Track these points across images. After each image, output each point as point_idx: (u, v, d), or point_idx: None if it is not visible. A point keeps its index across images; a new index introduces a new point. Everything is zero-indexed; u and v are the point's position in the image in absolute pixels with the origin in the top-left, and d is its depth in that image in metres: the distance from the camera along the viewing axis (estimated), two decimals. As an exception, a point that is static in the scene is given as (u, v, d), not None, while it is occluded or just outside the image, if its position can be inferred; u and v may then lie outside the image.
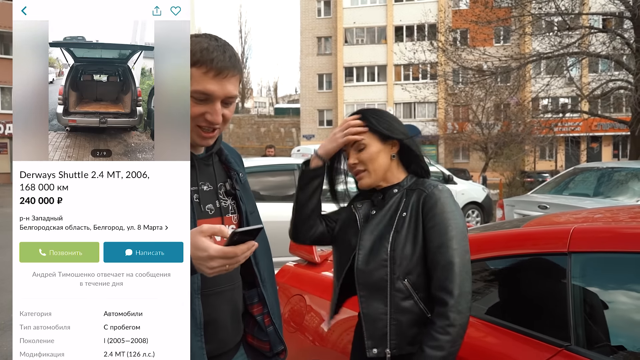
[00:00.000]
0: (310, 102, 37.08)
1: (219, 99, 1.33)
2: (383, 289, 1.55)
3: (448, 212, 1.54)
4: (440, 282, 1.50)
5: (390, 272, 1.54)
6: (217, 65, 1.31)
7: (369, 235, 1.61)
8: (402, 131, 1.69)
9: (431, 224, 1.54)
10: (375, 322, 1.56)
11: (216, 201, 1.44)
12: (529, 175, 22.31)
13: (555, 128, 14.41)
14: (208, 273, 1.20)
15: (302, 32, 36.97)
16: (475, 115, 24.04)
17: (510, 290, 1.99)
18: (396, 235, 1.56)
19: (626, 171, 6.96)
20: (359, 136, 1.65)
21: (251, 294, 1.51)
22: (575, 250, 1.72)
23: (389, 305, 1.54)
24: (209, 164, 1.47)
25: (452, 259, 1.50)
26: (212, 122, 1.35)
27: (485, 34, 14.99)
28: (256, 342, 1.53)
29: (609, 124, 24.78)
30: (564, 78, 13.28)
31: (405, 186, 1.66)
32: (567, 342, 1.62)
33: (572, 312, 1.65)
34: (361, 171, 1.66)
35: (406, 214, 1.58)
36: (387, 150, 1.66)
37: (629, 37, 11.15)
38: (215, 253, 1.17)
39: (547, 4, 11.13)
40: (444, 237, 1.52)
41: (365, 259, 1.58)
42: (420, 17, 28.20)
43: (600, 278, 1.75)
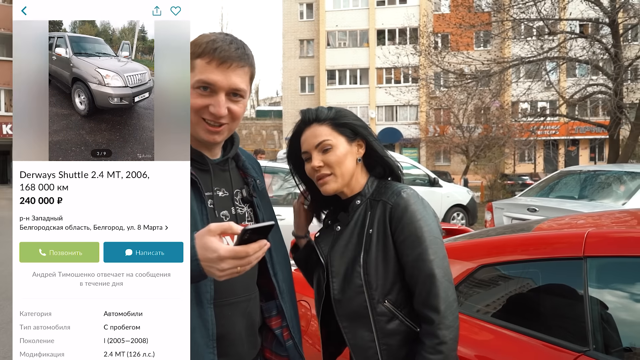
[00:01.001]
0: (292, 104, 37.05)
1: (222, 90, 1.29)
2: (365, 315, 1.45)
3: (417, 221, 1.43)
4: (423, 299, 1.40)
5: (369, 298, 1.44)
6: (220, 54, 1.27)
7: (339, 259, 1.49)
8: (368, 131, 1.56)
9: (402, 237, 1.43)
10: (366, 351, 1.47)
11: (232, 208, 1.38)
12: (510, 178, 22.65)
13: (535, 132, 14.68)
14: (219, 276, 1.13)
15: (285, 34, 36.95)
16: (457, 119, 24.32)
17: (527, 295, 1.96)
18: (366, 257, 1.44)
19: (609, 174, 7.12)
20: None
21: (269, 306, 1.43)
22: (590, 254, 1.69)
23: (375, 331, 1.45)
24: (225, 169, 1.41)
25: (432, 271, 1.40)
26: (215, 115, 1.29)
27: (467, 38, 15.20)
28: (274, 357, 1.44)
29: (586, 127, 25.32)
30: (543, 82, 13.51)
31: (367, 195, 1.52)
32: (586, 347, 1.61)
33: (590, 317, 1.63)
34: (326, 175, 1.48)
35: (372, 230, 1.46)
36: (354, 153, 1.52)
37: (607, 43, 11.41)
38: (226, 253, 1.10)
39: (528, 9, 11.33)
40: (419, 249, 1.41)
41: (341, 287, 1.48)
42: (403, 21, 28.45)
43: (616, 282, 1.74)
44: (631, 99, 12.80)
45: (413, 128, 32.19)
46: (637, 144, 12.72)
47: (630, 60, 11.59)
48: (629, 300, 1.73)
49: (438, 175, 14.80)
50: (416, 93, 25.26)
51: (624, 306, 1.72)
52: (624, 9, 11.45)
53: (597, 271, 1.69)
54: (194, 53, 1.28)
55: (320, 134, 1.49)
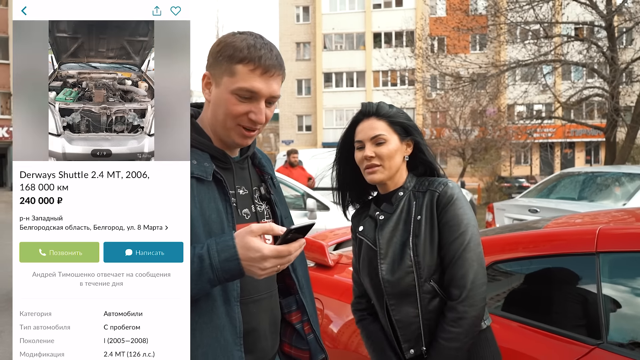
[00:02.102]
0: (289, 107, 37.08)
1: (264, 97, 1.30)
2: (412, 294, 1.57)
3: (460, 208, 1.57)
4: (452, 277, 1.53)
5: (418, 277, 1.56)
6: (265, 63, 1.27)
7: (386, 244, 1.61)
8: (419, 133, 1.67)
9: (444, 220, 1.56)
10: (409, 326, 1.59)
11: (252, 205, 1.40)
12: (507, 181, 22.72)
13: (532, 134, 14.72)
14: (259, 275, 1.16)
15: (281, 37, 37.00)
16: (453, 122, 24.39)
17: (541, 290, 2.02)
18: (416, 240, 1.57)
19: (608, 176, 7.16)
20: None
21: (289, 302, 1.46)
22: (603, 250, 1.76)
23: (420, 308, 1.57)
24: (245, 168, 1.43)
25: (465, 254, 1.53)
26: (255, 122, 1.31)
27: (464, 41, 15.25)
28: (294, 351, 1.46)
29: (582, 130, 25.42)
30: (540, 85, 13.56)
31: (409, 188, 1.65)
32: (599, 340, 1.67)
33: (602, 311, 1.69)
34: (376, 165, 1.60)
35: (421, 217, 1.59)
36: (403, 150, 1.64)
37: (603, 46, 11.46)
38: (270, 253, 1.13)
39: (524, 12, 11.38)
40: (457, 233, 1.54)
41: (390, 269, 1.59)
42: (399, 24, 28.53)
43: (629, 277, 1.79)
44: (627, 102, 12.86)
45: (410, 131, 32.24)
46: (633, 147, 12.79)
47: (626, 63, 11.65)
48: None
49: (435, 178, 14.85)
50: (413, 96, 25.32)
51: (636, 301, 1.78)
52: (620, 13, 11.51)
53: (609, 266, 1.75)
54: (234, 57, 1.26)
55: (377, 127, 1.61)
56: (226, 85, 1.29)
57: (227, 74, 1.28)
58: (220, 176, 1.31)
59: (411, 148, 1.66)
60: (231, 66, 1.27)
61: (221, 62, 1.29)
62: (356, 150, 1.65)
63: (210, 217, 1.27)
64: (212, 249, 1.19)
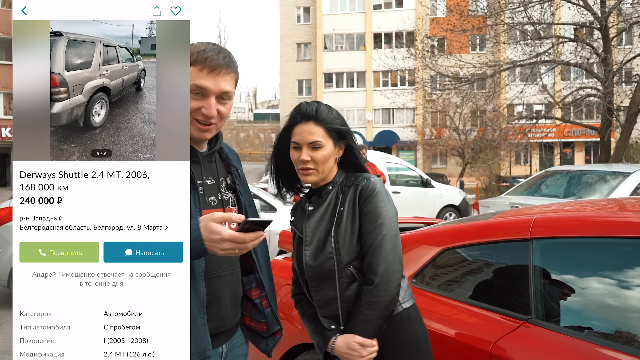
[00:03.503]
0: (290, 107, 36.83)
1: (213, 94, 1.47)
2: (332, 277, 1.72)
3: (380, 201, 1.70)
4: (369, 264, 1.67)
5: (337, 263, 1.70)
6: (211, 63, 1.45)
7: (312, 232, 1.75)
8: (352, 137, 1.79)
9: (365, 211, 1.70)
10: (329, 306, 1.74)
11: (218, 194, 1.57)
12: (505, 180, 22.69)
13: (530, 134, 14.69)
14: (220, 253, 1.32)
15: (282, 38, 36.98)
16: (452, 122, 24.38)
17: (482, 273, 2.25)
18: (337, 229, 1.71)
19: (594, 174, 7.19)
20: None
21: (249, 279, 1.64)
22: (536, 236, 1.99)
23: (339, 291, 1.71)
24: (212, 161, 1.60)
25: (382, 243, 1.66)
26: (207, 116, 1.47)
27: (461, 42, 15.22)
28: (254, 323, 1.66)
29: (580, 130, 25.40)
30: (537, 85, 13.55)
31: (338, 182, 1.78)
32: (528, 315, 1.90)
33: (532, 290, 1.92)
34: (310, 169, 1.73)
35: (343, 208, 1.73)
36: (335, 153, 1.77)
37: (598, 47, 11.45)
38: (228, 236, 1.28)
39: (521, 13, 11.36)
40: (375, 223, 1.68)
41: (313, 254, 1.73)
42: (399, 25, 28.51)
43: (558, 261, 2.01)
44: (621, 102, 12.84)
45: (409, 131, 32.24)
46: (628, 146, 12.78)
47: (619, 63, 11.64)
48: (569, 275, 1.99)
49: (434, 178, 14.88)
50: (412, 96, 25.31)
51: (565, 280, 1.98)
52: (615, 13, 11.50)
53: (541, 251, 1.97)
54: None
55: (314, 133, 1.72)
56: None
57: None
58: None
59: (342, 150, 1.79)
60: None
61: None
62: (292, 149, 1.76)
63: None
64: None
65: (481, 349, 1.89)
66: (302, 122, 1.73)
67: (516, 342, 1.85)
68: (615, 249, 1.89)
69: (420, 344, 1.75)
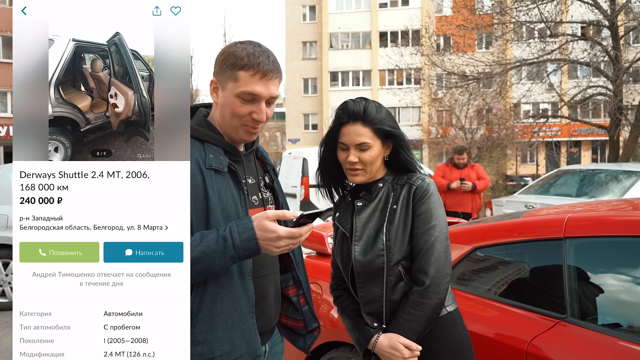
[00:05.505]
0: (295, 106, 37.06)
1: (264, 99, 1.46)
2: (380, 275, 1.70)
3: (433, 202, 1.69)
4: (420, 265, 1.66)
5: (387, 261, 1.68)
6: (263, 68, 1.44)
7: (362, 228, 1.74)
8: (402, 137, 1.76)
9: (418, 212, 1.69)
10: (373, 304, 1.72)
11: (259, 193, 1.58)
12: (512, 179, 22.61)
13: (537, 133, 14.61)
14: (274, 252, 1.35)
15: (288, 36, 36.97)
16: (459, 120, 24.29)
17: (513, 272, 2.24)
18: (389, 226, 1.69)
19: (606, 173, 7.15)
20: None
21: (286, 278, 1.65)
22: (569, 235, 1.99)
23: (385, 289, 1.70)
24: (251, 160, 1.61)
25: (434, 245, 1.65)
26: (258, 120, 1.48)
27: (469, 40, 15.16)
28: (290, 321, 1.67)
29: (588, 129, 25.23)
30: (545, 84, 13.46)
31: (389, 180, 1.77)
32: (563, 314, 1.91)
33: (567, 289, 1.93)
34: (358, 169, 1.72)
35: (397, 206, 1.71)
36: (383, 152, 1.75)
37: (607, 45, 11.36)
38: (284, 234, 1.32)
39: (529, 11, 11.29)
40: (428, 225, 1.67)
41: (362, 250, 1.71)
42: (405, 23, 28.42)
43: (592, 260, 2.00)
44: (631, 101, 12.74)
45: (415, 129, 32.14)
46: (637, 145, 12.67)
47: (630, 62, 11.54)
48: (604, 274, 2.00)
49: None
50: (418, 94, 25.24)
51: (600, 279, 1.99)
52: (624, 12, 11.40)
53: (575, 249, 1.97)
54: (236, 65, 1.43)
55: (362, 134, 1.69)
56: (231, 89, 1.44)
57: (231, 79, 1.44)
58: (234, 167, 1.48)
59: (390, 149, 1.77)
60: (234, 73, 1.43)
61: (225, 69, 1.45)
62: (340, 150, 1.75)
63: (227, 203, 1.42)
64: (234, 230, 1.33)
65: (517, 348, 1.91)
66: (350, 122, 1.70)
67: (552, 340, 1.86)
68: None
69: (464, 347, 1.74)
